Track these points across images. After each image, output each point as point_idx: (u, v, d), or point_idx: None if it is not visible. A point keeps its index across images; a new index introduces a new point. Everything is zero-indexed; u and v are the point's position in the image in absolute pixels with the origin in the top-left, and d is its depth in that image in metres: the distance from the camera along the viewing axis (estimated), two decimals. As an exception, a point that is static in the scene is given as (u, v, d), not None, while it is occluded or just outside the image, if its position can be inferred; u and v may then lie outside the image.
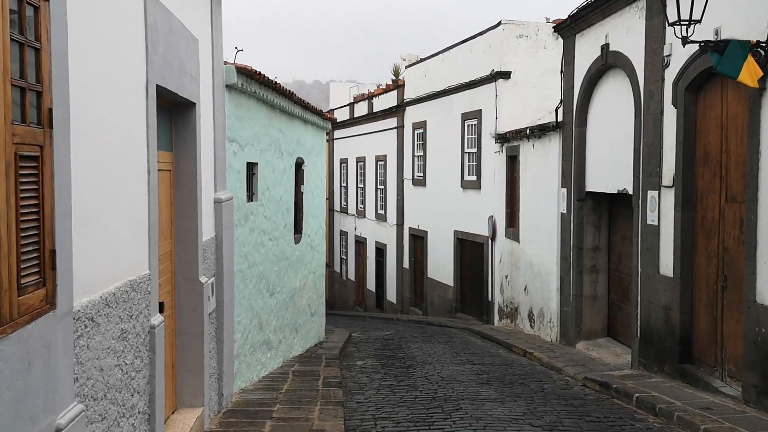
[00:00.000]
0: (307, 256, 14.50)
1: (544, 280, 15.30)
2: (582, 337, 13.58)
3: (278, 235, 11.84)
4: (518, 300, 17.11)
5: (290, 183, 12.72)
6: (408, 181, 25.17)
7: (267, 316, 11.15)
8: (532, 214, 16.04)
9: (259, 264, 10.58)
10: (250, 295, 10.09)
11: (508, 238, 17.90)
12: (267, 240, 11.05)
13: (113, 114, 4.65)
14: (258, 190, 10.52)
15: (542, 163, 15.43)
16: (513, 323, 17.51)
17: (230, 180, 9.04)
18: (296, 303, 13.48)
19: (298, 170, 13.70)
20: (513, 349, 14.61)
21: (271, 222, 11.30)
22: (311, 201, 14.88)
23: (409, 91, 25.10)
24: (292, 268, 13.09)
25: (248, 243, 9.97)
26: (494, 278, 19.03)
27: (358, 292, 30.70)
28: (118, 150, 4.74)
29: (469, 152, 20.68)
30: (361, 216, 30.00)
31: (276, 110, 11.47)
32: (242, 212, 9.63)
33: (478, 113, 20.02)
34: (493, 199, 19.03)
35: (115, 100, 4.69)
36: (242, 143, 9.58)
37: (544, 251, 15.32)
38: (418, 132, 24.37)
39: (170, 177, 6.97)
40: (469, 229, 20.62)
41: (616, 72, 12.19)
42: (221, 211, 8.10)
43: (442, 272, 22.49)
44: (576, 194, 13.59)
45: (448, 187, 21.90)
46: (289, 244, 12.79)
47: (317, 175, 15.46)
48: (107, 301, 4.40)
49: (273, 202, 11.44)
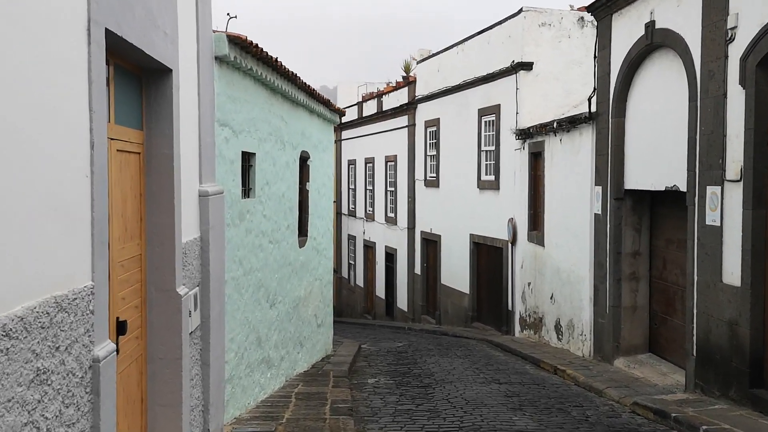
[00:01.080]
0: (313, 261, 12.98)
1: (575, 289, 13.74)
2: (620, 353, 12.01)
3: (280, 237, 10.33)
4: (543, 309, 15.55)
5: (294, 179, 11.21)
6: (420, 182, 23.64)
7: (266, 331, 9.64)
8: (560, 215, 14.49)
9: (257, 270, 9.06)
10: (245, 306, 8.57)
11: (530, 242, 16.35)
12: (266, 243, 9.54)
13: (31, 61, 3.16)
14: (256, 185, 9.02)
15: (572, 160, 13.89)
16: (537, 335, 15.95)
17: (221, 171, 7.53)
18: (301, 314, 11.96)
19: (302, 166, 12.19)
20: (541, 364, 13.06)
21: (271, 222, 9.79)
22: (317, 200, 13.36)
23: (420, 87, 23.59)
24: (296, 274, 11.57)
25: (244, 246, 8.46)
26: (515, 285, 17.48)
27: (366, 299, 29.15)
28: (38, 113, 3.24)
29: (487, 150, 19.14)
30: (370, 219, 28.48)
31: (277, 95, 9.96)
32: (236, 210, 8.12)
33: (496, 108, 18.49)
34: (514, 200, 17.49)
35: (33, 40, 3.20)
36: (236, 129, 8.07)
37: (574, 256, 13.76)
38: (431, 130, 22.85)
39: (140, 161, 5.47)
40: (487, 233, 19.08)
41: (664, 53, 10.65)
42: (208, 206, 6.59)
43: (457, 278, 20.94)
44: (613, 193, 12.04)
45: (463, 188, 20.36)
46: (293, 248, 11.27)
47: (324, 173, 13.95)
48: (7, 331, 2.89)
49: (274, 200, 9.94)
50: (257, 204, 9.07)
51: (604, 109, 12.36)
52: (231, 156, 7.88)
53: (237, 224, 8.15)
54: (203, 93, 6.62)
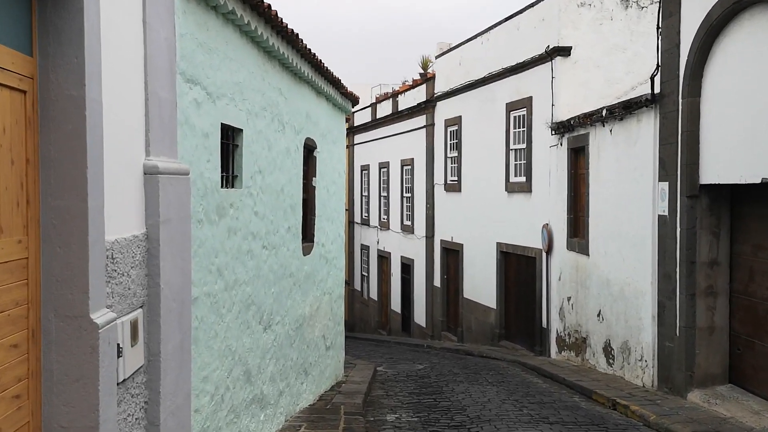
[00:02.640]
0: (321, 271, 10.74)
1: (631, 305, 11.43)
2: (695, 384, 9.69)
3: (278, 241, 8.10)
4: (587, 328, 13.23)
5: (296, 171, 9.00)
6: (439, 186, 21.38)
7: (259, 361, 7.39)
8: (610, 219, 12.20)
9: (244, 284, 6.83)
10: (228, 332, 6.34)
11: (571, 251, 14.06)
12: (259, 248, 7.31)
13: None
14: (244, 171, 6.80)
15: (626, 152, 11.61)
16: (579, 357, 13.62)
17: (188, 145, 5.33)
18: (305, 336, 9.71)
19: (308, 157, 9.99)
20: (594, 396, 10.74)
21: (266, 222, 7.57)
22: (326, 200, 11.14)
23: (440, 83, 21.38)
24: (300, 288, 9.34)
25: (225, 251, 6.23)
26: (550, 300, 15.17)
27: (381, 313, 26.85)
28: None
29: (516, 149, 16.88)
30: (385, 228, 26.22)
31: (274, 60, 7.76)
32: (213, 201, 5.90)
33: (527, 101, 16.24)
34: (549, 204, 15.21)
35: None
36: (213, 91, 5.87)
37: (630, 267, 11.46)
38: (452, 129, 20.61)
39: (27, 105, 3.27)
40: (517, 241, 16.79)
41: (759, 12, 8.39)
42: (159, 189, 4.36)
43: (482, 292, 18.64)
44: (685, 189, 9.75)
45: (489, 192, 18.09)
46: (295, 256, 9.05)
47: (334, 169, 11.73)
48: None
49: (269, 195, 7.72)
50: (245, 197, 6.85)
51: (671, 88, 10.09)
52: (204, 127, 5.67)
53: (214, 221, 5.93)
54: (153, 22, 4.41)
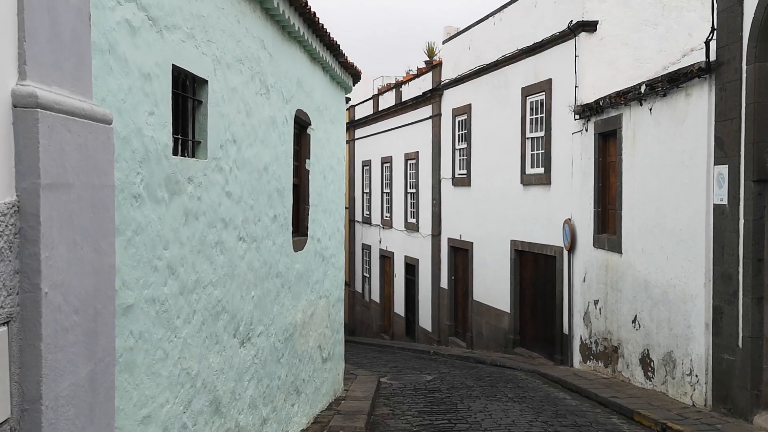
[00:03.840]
0: (317, 271, 9.05)
1: (676, 310, 9.73)
2: (762, 405, 8.00)
3: (260, 233, 6.42)
4: (619, 336, 11.53)
5: (285, 149, 7.31)
6: (446, 181, 19.69)
7: (233, 384, 5.69)
8: (649, 211, 10.52)
9: (211, 285, 5.14)
10: (184, 350, 4.65)
11: (598, 248, 12.37)
12: (234, 240, 5.62)
13: None
14: (210, 137, 5.11)
15: (671, 133, 9.92)
16: (609, 368, 11.92)
17: (116, 85, 3.64)
18: (297, 348, 8.02)
19: (301, 134, 8.31)
20: (636, 417, 9.05)
21: (243, 208, 5.88)
22: (323, 188, 9.45)
23: (447, 70, 19.69)
24: (290, 290, 7.64)
25: (180, 241, 4.54)
26: (573, 303, 13.48)
27: (383, 316, 25.14)
28: None
29: (533, 138, 15.20)
30: (387, 226, 24.53)
31: (254, 3, 6.07)
32: (160, 172, 4.21)
33: (546, 85, 14.56)
34: (571, 197, 13.53)
35: None
36: (158, 17, 4.18)
37: (674, 266, 9.77)
38: (460, 119, 18.92)
39: None
40: (534, 238, 15.10)
41: None
42: (43, 133, 2.66)
43: (494, 294, 16.94)
44: (752, 172, 8.06)
45: (502, 186, 16.41)
46: (284, 252, 7.36)
47: (332, 153, 10.05)
48: None
49: (249, 172, 6.04)
50: (213, 172, 5.16)
51: (732, 54, 8.41)
52: (145, 64, 3.99)
53: (162, 199, 4.25)
54: None
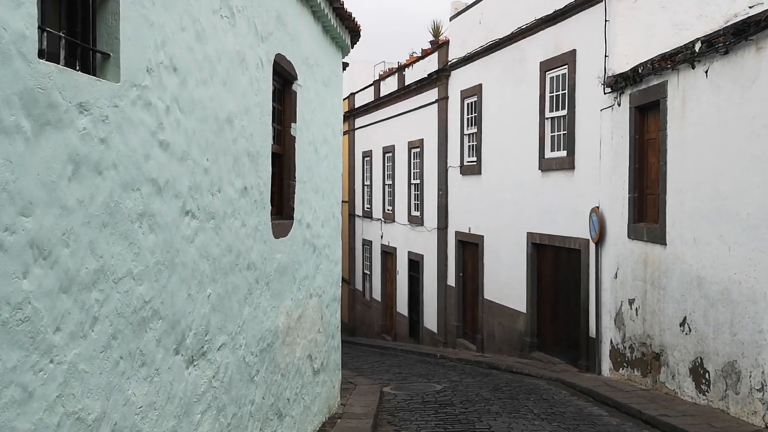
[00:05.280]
0: (306, 264, 7.23)
1: (741, 311, 7.92)
2: None
3: (220, 208, 4.61)
4: (662, 341, 9.72)
5: (260, 101, 5.50)
6: (454, 169, 17.87)
7: (172, 424, 3.88)
8: (704, 193, 8.70)
9: (128, 278, 3.33)
10: (68, 382, 2.83)
11: (634, 239, 10.57)
12: (175, 212, 3.80)
13: None
14: (124, 50, 3.30)
15: (735, 98, 8.10)
16: (649, 378, 10.11)
17: None
18: (279, 360, 6.20)
19: (284, 90, 6.49)
20: (700, 444, 7.25)
21: (189, 168, 4.07)
22: (315, 164, 7.63)
23: (455, 49, 17.87)
24: (268, 288, 5.83)
25: (61, 205, 2.73)
26: (602, 302, 11.68)
27: (385, 315, 23.33)
28: None
29: (554, 117, 13.39)
30: (389, 220, 22.71)
31: None
32: (10, 82, 2.40)
33: (569, 57, 12.75)
34: (599, 182, 11.72)
35: None
36: None
37: (740, 258, 7.95)
38: (470, 102, 17.10)
39: None
40: (554, 230, 13.30)
41: None
42: None
43: (508, 292, 15.13)
44: None
45: (517, 172, 14.60)
46: (259, 237, 5.54)
47: (327, 123, 8.23)
48: None
49: (200, 121, 4.22)
50: (133, 105, 3.36)
51: (826, -11, 6.61)
52: None
53: (16, 130, 2.44)
54: None
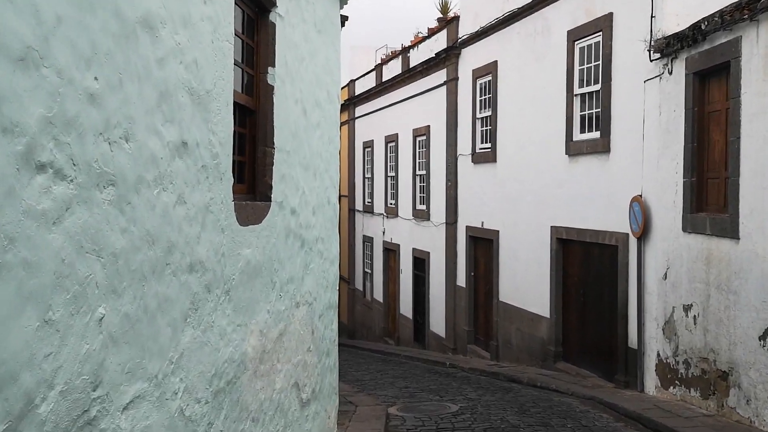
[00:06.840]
0: (290, 263, 5.31)
1: None
2: None
3: (129, 168, 2.71)
4: (732, 357, 7.82)
5: (212, 14, 3.60)
6: (465, 158, 15.96)
7: None
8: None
9: None
10: None
11: (692, 233, 8.66)
12: (9, 168, 1.92)
13: None
14: None
15: None
16: (711, 401, 8.21)
17: None
18: (246, 402, 4.28)
19: (258, 20, 4.58)
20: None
21: (52, 84, 2.17)
22: (303, 130, 5.71)
23: (466, 24, 15.96)
24: (228, 298, 3.92)
25: None
26: (645, 308, 9.78)
27: (387, 318, 21.41)
28: None
29: (584, 93, 11.48)
30: (392, 215, 20.80)
31: None
32: None
33: (604, 22, 10.85)
34: (643, 165, 9.82)
35: None
36: None
37: None
38: (483, 82, 15.19)
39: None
40: (584, 223, 11.39)
41: None
42: None
43: (527, 294, 13.22)
44: None
45: (539, 158, 12.69)
46: (212, 222, 3.64)
47: (318, 79, 6.31)
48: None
49: (86, 7, 2.32)
50: None
51: None
52: None
53: None
54: None
